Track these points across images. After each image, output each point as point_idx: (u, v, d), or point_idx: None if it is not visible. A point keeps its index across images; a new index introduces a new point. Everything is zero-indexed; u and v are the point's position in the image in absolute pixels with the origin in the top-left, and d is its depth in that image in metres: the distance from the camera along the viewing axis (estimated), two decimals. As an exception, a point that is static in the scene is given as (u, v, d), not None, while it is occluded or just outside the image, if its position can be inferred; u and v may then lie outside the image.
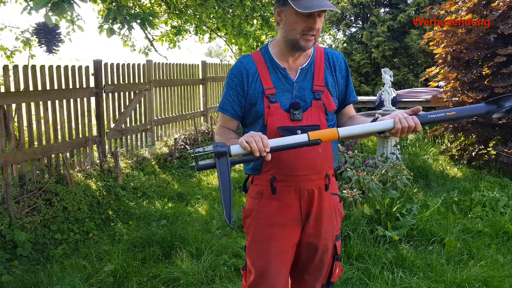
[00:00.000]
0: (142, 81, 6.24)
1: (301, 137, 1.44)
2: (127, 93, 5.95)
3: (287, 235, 1.66)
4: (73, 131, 5.03)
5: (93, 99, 5.36)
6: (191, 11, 5.85)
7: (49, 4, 2.45)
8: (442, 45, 5.55)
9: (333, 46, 10.97)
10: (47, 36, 4.34)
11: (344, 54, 10.46)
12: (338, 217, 1.75)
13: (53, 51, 4.44)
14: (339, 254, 1.77)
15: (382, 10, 10.59)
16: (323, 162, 1.64)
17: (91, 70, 5.28)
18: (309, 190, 1.63)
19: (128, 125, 5.98)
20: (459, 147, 5.74)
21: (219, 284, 2.85)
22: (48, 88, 4.65)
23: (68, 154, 4.87)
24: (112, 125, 5.69)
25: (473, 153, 5.50)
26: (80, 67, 5.02)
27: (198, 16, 5.86)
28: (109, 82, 5.58)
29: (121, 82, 5.83)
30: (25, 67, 4.35)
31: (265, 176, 1.65)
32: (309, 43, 1.56)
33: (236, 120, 1.72)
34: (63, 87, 4.81)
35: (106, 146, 5.52)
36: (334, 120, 1.74)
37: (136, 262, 3.18)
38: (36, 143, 4.54)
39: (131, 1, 5.50)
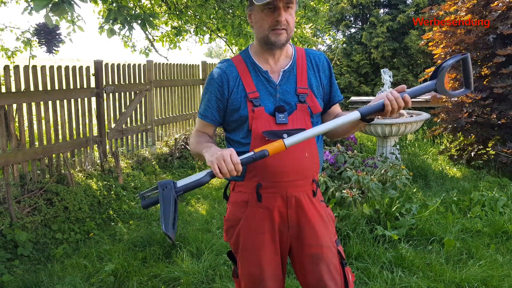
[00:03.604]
0: (142, 81, 6.26)
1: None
2: (127, 93, 5.96)
3: (277, 240, 1.62)
4: (74, 131, 5.04)
5: (93, 99, 5.37)
6: (191, 11, 5.86)
7: (50, 5, 2.47)
8: (441, 46, 5.57)
9: (333, 46, 10.98)
10: (47, 36, 4.35)
11: (343, 55, 10.53)
12: (331, 221, 1.71)
13: (53, 51, 4.46)
14: (345, 259, 1.71)
15: (382, 10, 10.60)
16: (310, 167, 1.61)
17: (92, 71, 5.29)
18: (296, 197, 1.60)
19: (128, 125, 5.99)
20: (458, 147, 5.75)
21: (220, 283, 2.86)
22: (49, 88, 4.66)
23: (68, 154, 4.88)
24: (113, 125, 5.70)
25: (472, 153, 5.51)
26: (81, 68, 5.03)
27: (198, 17, 5.87)
28: (110, 82, 5.60)
29: (121, 82, 5.84)
30: (26, 67, 4.36)
31: (249, 183, 1.60)
32: (279, 37, 1.54)
33: (214, 126, 1.69)
34: (64, 87, 4.82)
35: (107, 146, 5.53)
36: (319, 123, 1.70)
37: (136, 262, 3.19)
38: (37, 143, 4.55)
39: (132, 2, 5.51)
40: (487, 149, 5.42)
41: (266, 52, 1.61)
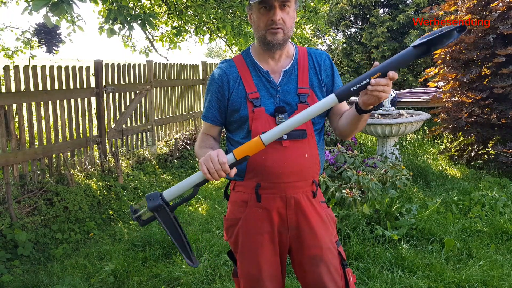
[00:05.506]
0: (142, 81, 6.26)
1: (229, 157, 1.41)
2: (127, 93, 5.96)
3: (276, 241, 1.62)
4: (74, 131, 5.04)
5: (93, 99, 5.37)
6: (191, 11, 5.86)
7: (49, 5, 2.47)
8: (442, 46, 5.56)
9: (333, 47, 10.99)
10: (47, 36, 4.36)
11: (343, 55, 10.53)
12: (332, 222, 1.69)
13: (53, 51, 4.47)
14: (345, 260, 1.69)
15: (382, 10, 10.60)
16: (310, 168, 1.59)
17: (92, 71, 5.29)
18: (295, 198, 1.58)
19: (128, 125, 5.99)
20: (458, 147, 5.75)
21: (219, 283, 2.86)
22: (49, 88, 4.66)
23: (68, 154, 4.88)
24: (113, 125, 5.70)
25: (472, 153, 5.51)
26: (80, 68, 5.03)
27: (198, 17, 5.87)
28: (110, 82, 5.60)
29: (121, 82, 5.84)
30: (26, 67, 4.36)
31: (249, 183, 1.60)
32: (276, 36, 1.53)
33: (217, 127, 1.69)
34: (64, 87, 4.82)
35: (107, 146, 5.53)
36: (322, 124, 1.68)
37: (136, 262, 3.19)
38: (37, 143, 4.55)
39: (132, 2, 5.51)
40: (487, 149, 5.42)
41: (265, 52, 1.61)
